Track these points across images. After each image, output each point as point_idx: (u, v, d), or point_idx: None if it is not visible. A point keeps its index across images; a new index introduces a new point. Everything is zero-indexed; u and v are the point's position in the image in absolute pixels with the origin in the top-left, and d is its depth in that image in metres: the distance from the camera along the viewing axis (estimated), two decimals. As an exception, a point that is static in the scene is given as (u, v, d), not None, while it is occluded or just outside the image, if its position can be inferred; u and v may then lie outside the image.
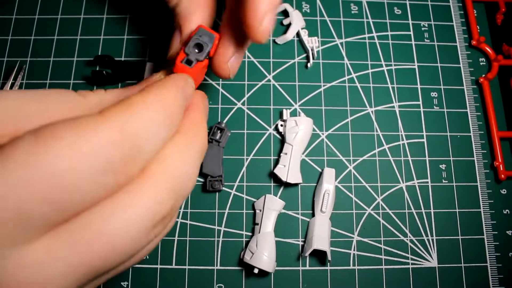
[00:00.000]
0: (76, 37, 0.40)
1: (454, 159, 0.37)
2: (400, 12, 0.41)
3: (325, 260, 0.34)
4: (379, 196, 0.36)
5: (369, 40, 0.40)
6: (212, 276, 0.34)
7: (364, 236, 0.35)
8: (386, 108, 0.38)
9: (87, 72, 0.38)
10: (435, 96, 0.39)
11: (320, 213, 0.34)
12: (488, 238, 0.36)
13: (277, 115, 0.38)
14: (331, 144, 0.37)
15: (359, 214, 0.36)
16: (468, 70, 0.40)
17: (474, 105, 0.39)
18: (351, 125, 0.38)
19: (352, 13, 0.41)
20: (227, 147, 0.37)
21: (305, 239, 0.35)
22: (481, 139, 0.38)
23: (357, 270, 0.34)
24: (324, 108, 0.38)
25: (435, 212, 0.36)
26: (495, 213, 0.36)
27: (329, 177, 0.35)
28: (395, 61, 0.40)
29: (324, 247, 0.32)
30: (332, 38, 0.40)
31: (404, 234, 0.35)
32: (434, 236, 0.35)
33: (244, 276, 0.34)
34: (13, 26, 0.40)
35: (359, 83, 0.39)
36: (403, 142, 0.38)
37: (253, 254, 0.33)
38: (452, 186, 0.37)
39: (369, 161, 0.37)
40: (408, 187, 0.37)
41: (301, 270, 0.34)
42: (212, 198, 0.36)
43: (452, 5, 0.42)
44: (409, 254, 0.35)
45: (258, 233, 0.34)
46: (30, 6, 0.40)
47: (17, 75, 0.38)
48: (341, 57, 0.40)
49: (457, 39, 0.41)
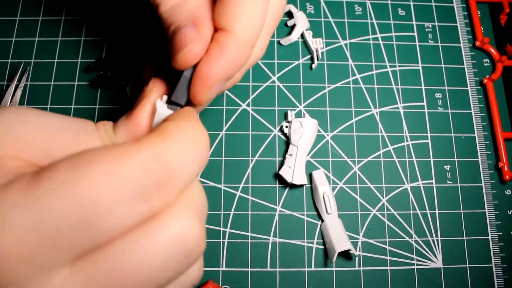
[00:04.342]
0: (80, 39, 0.39)
1: (458, 160, 0.38)
2: (404, 13, 0.41)
3: (327, 261, 0.34)
4: (384, 197, 0.36)
5: (373, 41, 0.40)
6: (218, 277, 0.34)
7: (369, 237, 0.35)
8: (390, 109, 0.39)
9: (91, 75, 0.38)
10: (439, 97, 0.39)
11: (327, 215, 0.34)
12: (493, 239, 0.36)
13: (282, 116, 0.38)
14: (336, 145, 0.37)
15: (364, 215, 0.36)
16: (472, 71, 0.40)
17: (478, 106, 0.39)
18: (356, 126, 0.38)
19: (356, 14, 0.41)
20: (232, 149, 0.37)
21: (324, 246, 0.35)
22: (485, 140, 0.38)
23: (363, 271, 0.34)
24: (328, 109, 0.38)
25: (439, 213, 0.36)
26: (500, 214, 0.36)
27: (321, 179, 0.35)
28: (399, 62, 0.40)
29: (347, 246, 0.33)
30: (337, 39, 0.40)
31: (409, 235, 0.36)
32: (439, 237, 0.36)
33: (249, 278, 0.34)
34: (17, 27, 0.40)
35: (364, 84, 0.39)
36: (407, 143, 0.38)
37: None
38: (456, 187, 0.37)
39: (374, 162, 0.37)
40: (413, 188, 0.37)
41: (306, 271, 0.34)
42: (217, 200, 0.36)
43: (456, 6, 0.42)
44: (414, 255, 0.35)
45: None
46: (34, 8, 0.40)
47: (21, 76, 0.38)
48: (346, 58, 0.40)
49: (461, 40, 0.41)
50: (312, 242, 0.35)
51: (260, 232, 0.35)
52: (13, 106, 0.32)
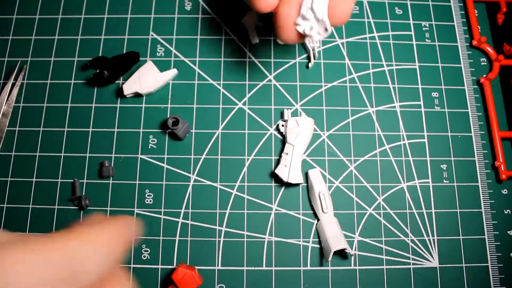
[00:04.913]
0: (77, 37, 0.39)
1: (455, 159, 0.37)
2: (401, 12, 0.41)
3: (323, 260, 0.34)
4: (380, 196, 0.36)
5: (370, 40, 0.40)
6: (214, 276, 0.34)
7: (365, 236, 0.35)
8: (387, 108, 0.38)
9: (88, 73, 0.38)
10: (436, 96, 0.39)
11: (323, 214, 0.34)
12: (489, 238, 0.36)
13: (278, 115, 0.38)
14: (332, 144, 0.37)
15: (360, 214, 0.36)
16: (469, 70, 0.40)
17: (475, 105, 0.39)
18: (352, 125, 0.38)
19: (353, 13, 0.41)
20: (228, 148, 0.37)
21: (320, 245, 0.35)
22: (482, 139, 0.38)
23: (358, 270, 0.34)
24: (325, 108, 0.38)
25: (436, 212, 0.36)
26: (496, 213, 0.36)
27: (317, 178, 0.35)
28: (396, 61, 0.40)
29: (342, 245, 0.33)
30: (333, 38, 0.40)
31: (405, 234, 0.35)
32: (435, 236, 0.35)
33: (245, 276, 0.34)
34: (14, 26, 0.40)
35: (360, 83, 0.39)
36: (404, 142, 0.38)
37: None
38: (453, 186, 0.37)
39: (370, 161, 0.37)
40: (409, 187, 0.37)
41: (302, 270, 0.34)
42: (213, 199, 0.36)
43: (453, 5, 0.42)
44: (410, 254, 0.35)
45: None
46: (31, 6, 0.40)
47: (18, 75, 0.38)
48: (342, 57, 0.40)
49: (458, 39, 0.41)
50: (308, 241, 0.35)
51: (256, 231, 0.35)
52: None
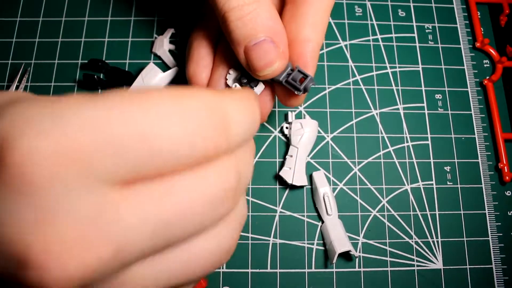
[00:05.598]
0: (81, 40, 0.40)
1: (458, 161, 0.38)
2: (404, 14, 0.42)
3: (327, 262, 0.34)
4: (384, 198, 0.36)
5: (373, 42, 0.40)
6: (218, 278, 0.34)
7: (370, 238, 0.35)
8: (390, 110, 0.39)
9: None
10: (440, 98, 0.39)
11: (328, 216, 0.34)
12: (493, 240, 0.36)
13: (282, 117, 0.38)
14: (336, 146, 0.37)
15: (364, 216, 0.36)
16: (472, 72, 0.40)
17: (478, 107, 0.39)
18: (356, 127, 0.38)
19: (356, 15, 0.41)
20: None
21: (324, 247, 0.35)
22: (485, 141, 0.38)
23: (363, 272, 0.34)
24: (329, 111, 0.38)
25: (440, 214, 0.36)
26: (500, 215, 0.36)
27: (321, 180, 0.35)
28: (399, 63, 0.40)
29: (347, 247, 0.33)
30: (337, 40, 0.40)
31: (409, 236, 0.36)
32: (439, 238, 0.36)
33: (250, 279, 0.34)
34: (18, 28, 0.40)
35: (364, 85, 0.39)
36: (407, 144, 0.38)
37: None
38: (456, 188, 0.37)
39: (374, 163, 0.37)
40: (413, 189, 0.37)
41: (306, 272, 0.34)
42: (217, 201, 0.36)
43: (456, 7, 0.42)
44: (414, 256, 0.35)
45: None
46: (35, 8, 0.40)
47: (22, 77, 0.38)
48: (346, 59, 0.40)
49: (461, 41, 0.41)
50: (313, 243, 0.35)
51: (261, 233, 0.35)
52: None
